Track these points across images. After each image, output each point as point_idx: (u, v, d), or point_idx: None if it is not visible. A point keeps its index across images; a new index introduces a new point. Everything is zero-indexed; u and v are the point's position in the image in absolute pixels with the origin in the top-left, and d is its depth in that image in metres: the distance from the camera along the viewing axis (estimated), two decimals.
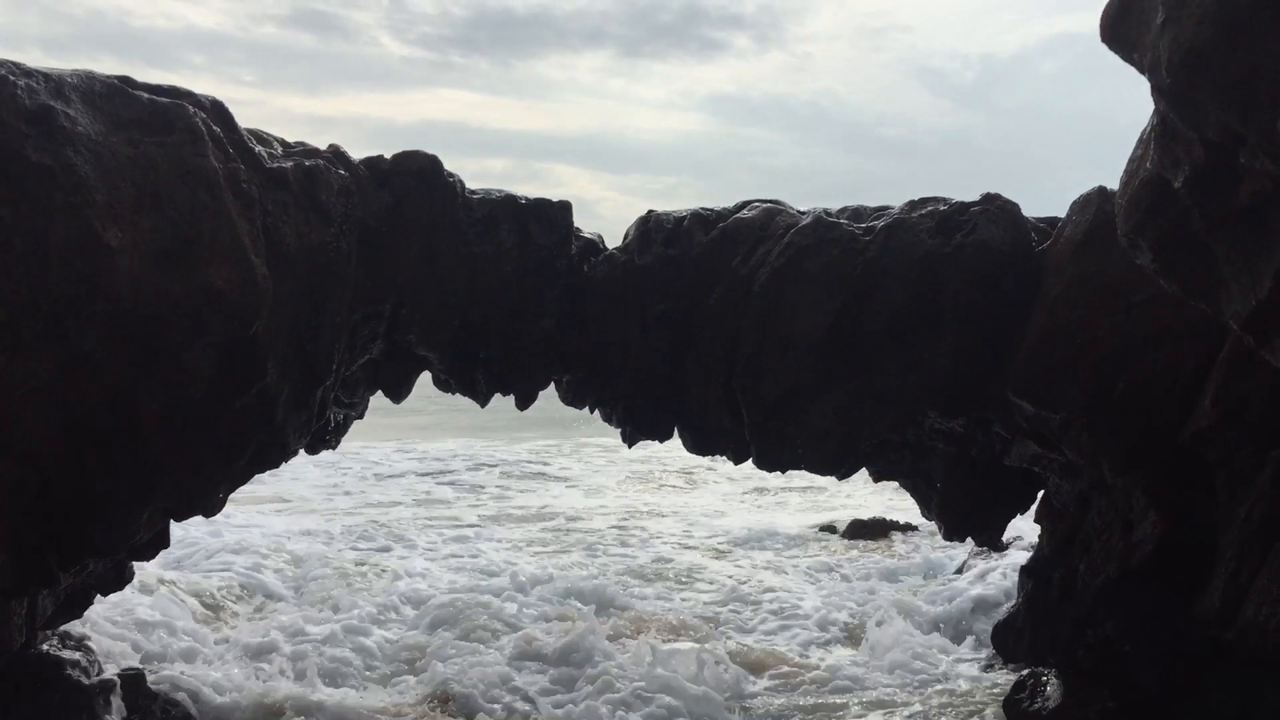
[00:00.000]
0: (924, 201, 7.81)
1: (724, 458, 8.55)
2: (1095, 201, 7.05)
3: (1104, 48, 4.67)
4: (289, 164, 6.56)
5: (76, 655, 8.11)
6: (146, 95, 5.72)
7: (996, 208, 7.56)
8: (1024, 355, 7.26)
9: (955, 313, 7.44)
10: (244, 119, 6.46)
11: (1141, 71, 4.32)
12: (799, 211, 8.12)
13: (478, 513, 17.81)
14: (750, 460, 8.18)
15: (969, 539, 9.07)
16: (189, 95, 5.98)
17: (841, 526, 15.56)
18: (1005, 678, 8.85)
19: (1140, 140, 4.96)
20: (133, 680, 7.96)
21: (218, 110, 6.14)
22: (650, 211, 8.44)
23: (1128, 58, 4.44)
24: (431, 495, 19.55)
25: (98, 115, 5.39)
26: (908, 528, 15.07)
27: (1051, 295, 7.19)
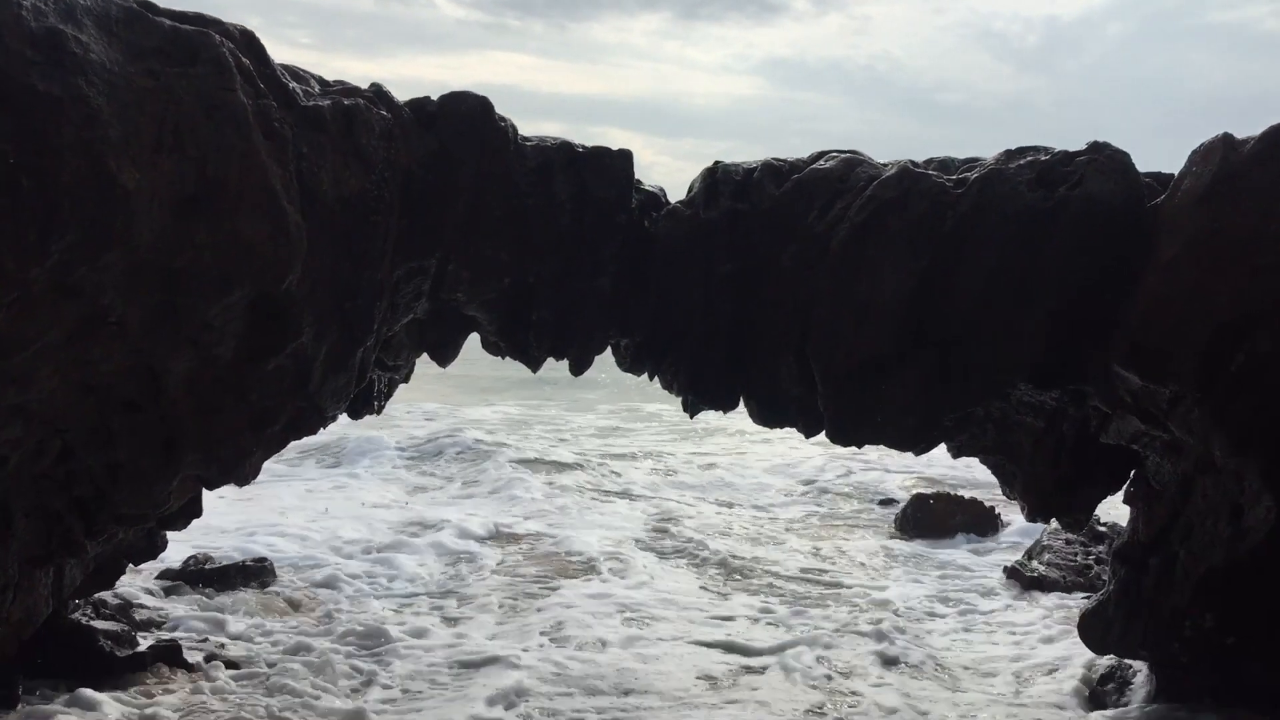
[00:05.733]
0: (1022, 151, 7.10)
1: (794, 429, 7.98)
2: (1220, 150, 6.30)
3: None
4: (326, 103, 5.99)
5: (110, 625, 7.82)
6: (169, 22, 5.16)
7: (1106, 157, 6.82)
8: (1133, 322, 6.58)
9: (1056, 274, 6.75)
10: None
11: None
12: (881, 163, 7.46)
13: None
14: (823, 433, 7.60)
15: (1053, 520, 8.45)
16: (216, 23, 5.41)
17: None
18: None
19: None
20: (170, 650, 7.64)
21: (248, 41, 5.58)
22: (717, 163, 7.80)
23: None
24: None
25: (114, 42, 4.83)
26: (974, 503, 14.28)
27: (1166, 256, 6.47)
